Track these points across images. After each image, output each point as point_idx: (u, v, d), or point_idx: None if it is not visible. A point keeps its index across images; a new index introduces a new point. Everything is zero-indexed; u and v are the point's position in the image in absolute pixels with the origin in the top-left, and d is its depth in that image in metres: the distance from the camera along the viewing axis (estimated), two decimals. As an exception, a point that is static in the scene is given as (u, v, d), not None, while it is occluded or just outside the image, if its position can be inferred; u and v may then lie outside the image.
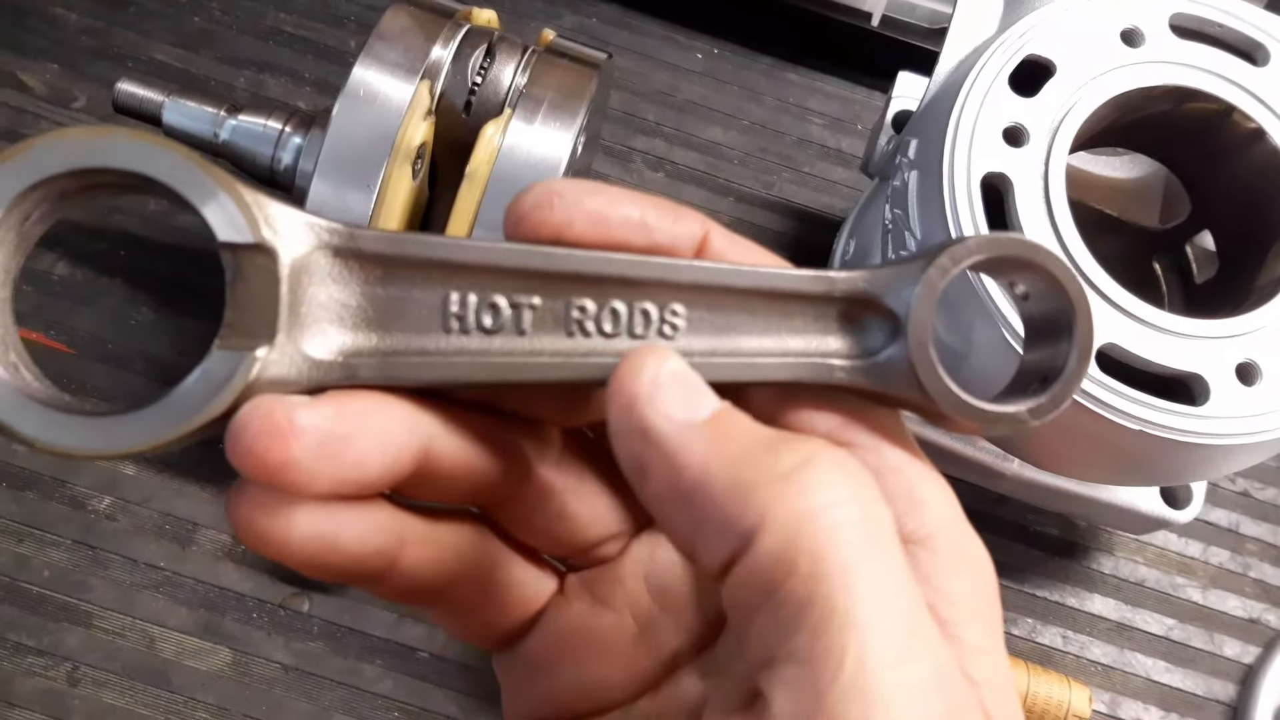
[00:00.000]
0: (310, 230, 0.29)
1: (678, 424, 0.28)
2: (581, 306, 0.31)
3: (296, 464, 0.27)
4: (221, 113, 0.70)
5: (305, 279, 0.29)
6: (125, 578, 0.72)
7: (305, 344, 0.29)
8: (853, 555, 0.26)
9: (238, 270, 0.28)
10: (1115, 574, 0.83)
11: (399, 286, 0.30)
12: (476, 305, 0.31)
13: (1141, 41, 0.66)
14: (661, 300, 0.32)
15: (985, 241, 0.31)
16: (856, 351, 0.32)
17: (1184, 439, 0.60)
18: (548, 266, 0.31)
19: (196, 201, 0.28)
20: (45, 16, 0.89)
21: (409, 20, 0.65)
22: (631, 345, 0.31)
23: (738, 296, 0.32)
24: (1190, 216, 0.76)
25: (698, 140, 0.95)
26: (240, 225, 0.28)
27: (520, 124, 0.64)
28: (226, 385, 0.28)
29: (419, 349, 0.30)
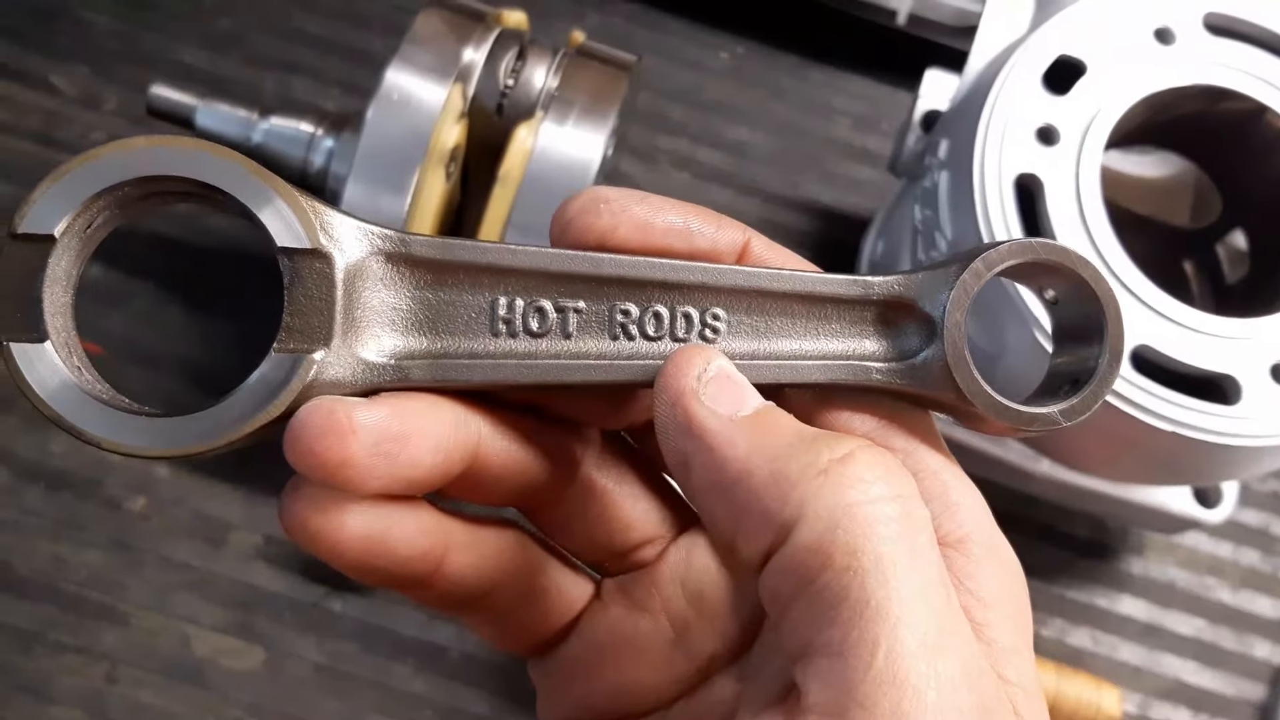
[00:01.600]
0: (364, 236, 0.30)
1: (722, 419, 0.29)
2: (625, 310, 0.32)
3: (354, 462, 0.28)
4: (254, 116, 0.71)
5: (359, 284, 0.30)
6: (160, 577, 0.73)
7: (359, 347, 0.30)
8: (888, 551, 0.26)
9: (295, 275, 0.29)
10: (1145, 574, 0.83)
11: (449, 291, 0.31)
12: (524, 309, 0.31)
13: (1174, 40, 0.66)
14: (703, 304, 0.32)
15: (1019, 246, 0.32)
16: (893, 354, 0.33)
17: (1217, 440, 0.60)
18: (593, 271, 0.32)
19: (256, 208, 0.29)
20: (74, 20, 0.89)
21: (441, 23, 0.65)
22: (674, 348, 0.32)
23: (777, 300, 0.33)
24: (1222, 216, 0.76)
25: (723, 139, 0.95)
26: (298, 231, 0.29)
27: (552, 126, 0.64)
28: (284, 387, 0.29)
29: (468, 351, 0.31)
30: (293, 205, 0.29)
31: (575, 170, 0.64)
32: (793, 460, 0.28)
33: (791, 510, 0.27)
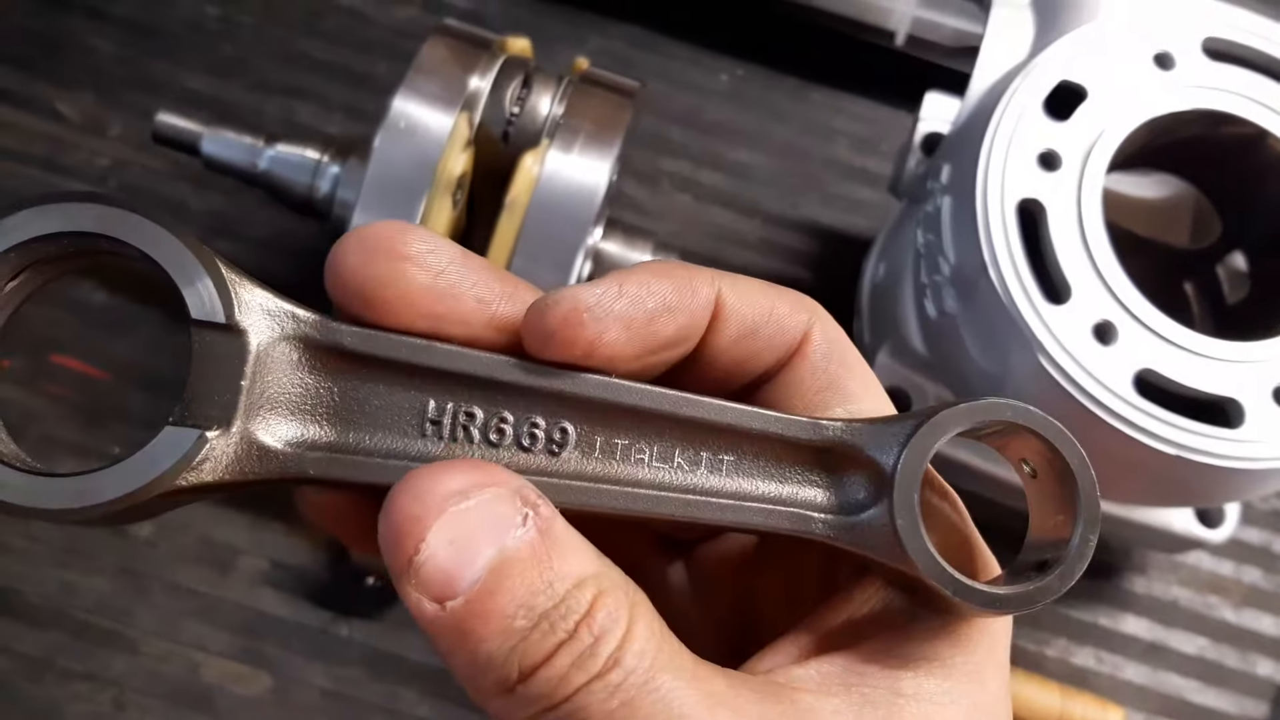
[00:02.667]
0: (287, 318, 0.29)
1: (427, 612, 0.27)
2: (563, 429, 0.30)
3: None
4: (259, 143, 0.71)
5: (273, 366, 0.29)
6: (167, 604, 0.73)
7: (261, 431, 0.28)
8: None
9: (205, 349, 0.28)
10: (1148, 593, 0.83)
11: (371, 385, 0.30)
12: (453, 414, 0.30)
13: (1174, 65, 0.67)
14: (639, 430, 0.31)
15: (979, 407, 0.30)
16: (839, 507, 0.31)
17: (1220, 462, 0.60)
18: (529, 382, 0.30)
19: (176, 276, 0.28)
20: (80, 47, 0.90)
21: (447, 52, 0.65)
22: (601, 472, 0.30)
23: (718, 435, 0.31)
24: (1222, 237, 0.77)
25: (724, 161, 0.95)
26: (215, 305, 0.28)
27: (558, 153, 0.64)
28: (166, 464, 0.27)
29: (384, 450, 0.29)
30: (214, 277, 0.28)
31: (581, 197, 0.64)
32: (489, 672, 0.26)
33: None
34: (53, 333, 0.78)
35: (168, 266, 0.28)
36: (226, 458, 0.28)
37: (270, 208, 0.76)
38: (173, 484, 0.27)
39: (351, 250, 0.29)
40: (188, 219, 0.84)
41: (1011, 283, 0.61)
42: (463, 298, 0.30)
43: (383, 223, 0.30)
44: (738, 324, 0.32)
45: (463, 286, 0.30)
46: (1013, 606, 0.29)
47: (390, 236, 0.29)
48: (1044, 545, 0.31)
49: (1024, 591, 0.29)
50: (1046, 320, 0.61)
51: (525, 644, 0.26)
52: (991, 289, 0.62)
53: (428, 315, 0.29)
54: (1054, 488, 0.31)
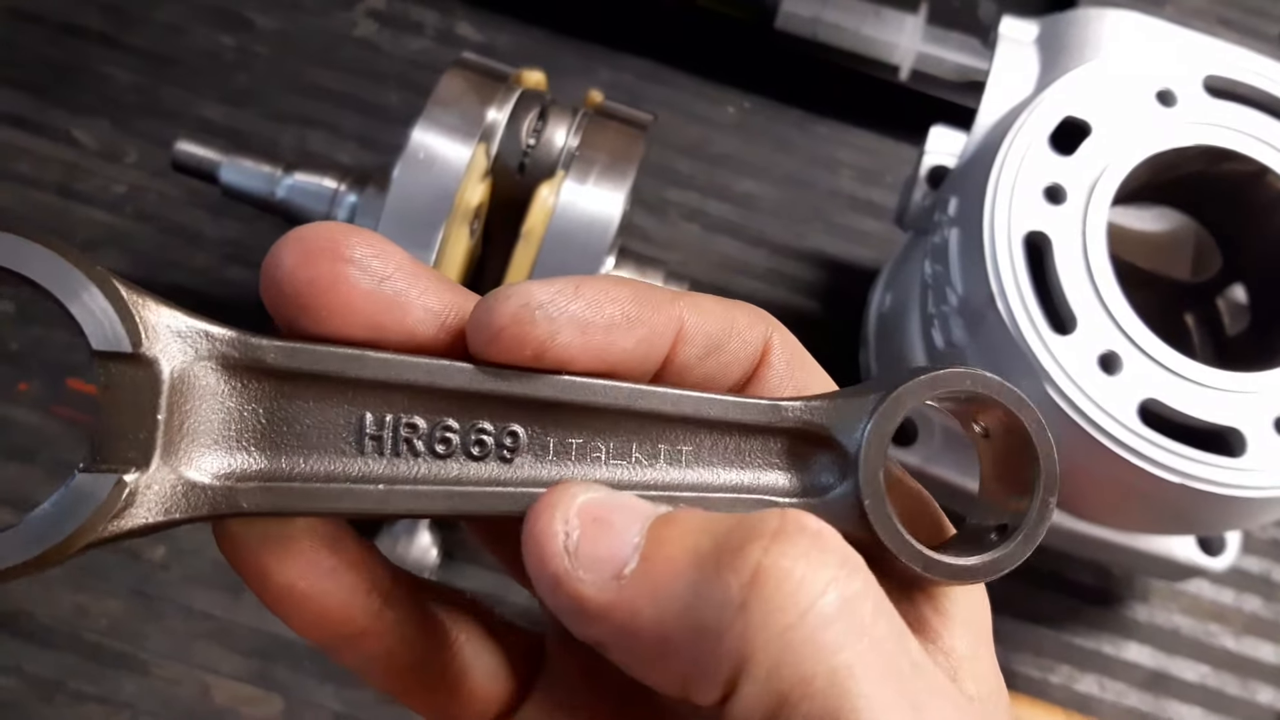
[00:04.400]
0: (201, 338, 0.27)
1: (611, 590, 0.26)
2: (513, 433, 0.29)
3: None
4: (278, 171, 0.73)
5: (191, 393, 0.26)
6: (180, 626, 0.73)
7: (185, 467, 0.26)
8: (841, 658, 0.24)
9: (111, 382, 0.25)
10: (1150, 621, 0.84)
11: (301, 403, 0.28)
12: (393, 426, 0.28)
13: (1176, 102, 0.68)
14: (592, 428, 0.30)
15: (940, 378, 0.30)
16: (804, 489, 0.31)
17: (1223, 491, 0.62)
18: (473, 387, 0.28)
19: (66, 301, 0.25)
20: (95, 74, 0.91)
21: (464, 84, 0.67)
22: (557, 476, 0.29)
23: (679, 426, 0.30)
24: (1222, 270, 0.78)
25: (730, 192, 0.97)
26: (116, 331, 0.25)
27: (574, 184, 0.66)
28: (83, 514, 0.25)
29: (323, 474, 0.28)
30: (111, 299, 0.25)
31: (597, 227, 0.65)
32: (705, 606, 0.25)
33: (728, 665, 0.25)
34: (69, 357, 0.79)
35: (58, 293, 0.25)
36: (149, 500, 0.25)
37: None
38: (93, 536, 0.25)
39: (289, 251, 0.27)
40: (204, 246, 0.85)
41: (1019, 313, 0.63)
42: (410, 307, 0.28)
43: (324, 223, 0.28)
44: (703, 341, 0.31)
45: (410, 295, 0.28)
46: (981, 576, 0.30)
47: (332, 237, 0.27)
48: (998, 508, 0.32)
49: (990, 560, 0.30)
50: (1053, 350, 0.62)
51: (728, 553, 0.25)
52: (999, 320, 0.63)
53: (370, 325, 0.28)
54: (1008, 450, 0.31)
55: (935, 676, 0.27)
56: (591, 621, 0.26)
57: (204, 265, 0.84)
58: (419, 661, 0.31)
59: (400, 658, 0.31)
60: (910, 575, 0.30)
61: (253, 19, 0.96)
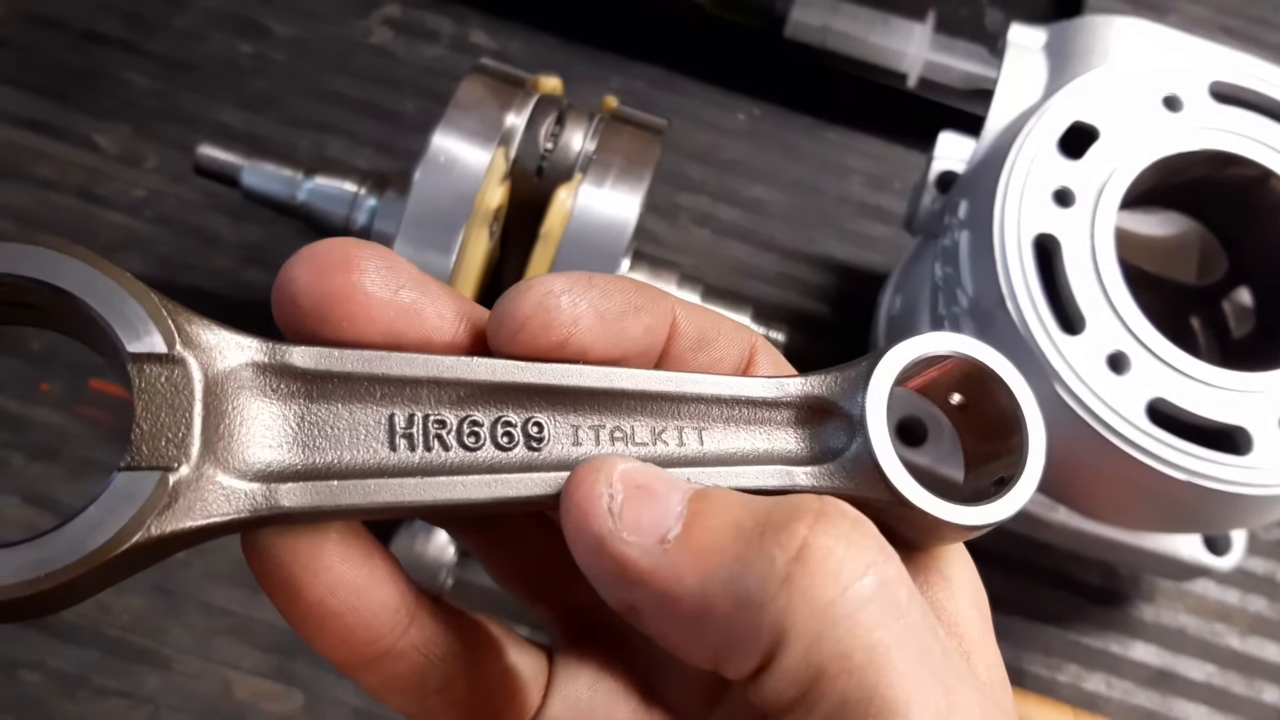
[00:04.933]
0: (230, 345, 0.27)
1: (655, 552, 0.27)
2: (538, 423, 0.30)
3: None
4: (299, 175, 0.74)
5: (225, 397, 0.27)
6: (201, 622, 0.74)
7: (222, 469, 0.26)
8: (878, 636, 0.25)
9: (149, 383, 0.26)
10: (1157, 621, 0.85)
11: (332, 404, 0.28)
12: (423, 423, 0.29)
13: (1182, 107, 0.69)
14: (613, 411, 0.31)
15: (924, 339, 0.32)
16: (819, 455, 0.32)
17: (1230, 489, 0.63)
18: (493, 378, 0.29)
19: (100, 308, 0.26)
20: (116, 80, 0.93)
21: (484, 90, 0.68)
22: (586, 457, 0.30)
23: (694, 404, 0.31)
24: (1228, 273, 0.79)
25: (741, 197, 0.98)
26: (151, 333, 0.26)
27: (591, 187, 0.67)
28: (129, 513, 0.24)
29: (358, 470, 0.28)
30: (146, 306, 0.26)
31: (613, 229, 0.66)
32: (749, 575, 0.26)
33: (768, 635, 0.25)
34: (92, 358, 0.80)
35: (92, 300, 0.26)
36: (193, 500, 0.25)
37: (305, 238, 0.77)
38: (141, 534, 0.24)
39: (304, 267, 0.28)
40: (224, 249, 0.86)
41: (1028, 314, 0.64)
42: (424, 313, 0.29)
43: (335, 239, 0.29)
44: (694, 334, 0.32)
45: (423, 302, 0.29)
46: (993, 519, 0.31)
47: (345, 252, 0.28)
48: (989, 468, 0.33)
49: (997, 504, 0.31)
50: (1062, 350, 0.63)
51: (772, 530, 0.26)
52: (1009, 320, 0.64)
53: (387, 332, 0.29)
54: (988, 412, 0.32)
55: (961, 662, 0.28)
56: (633, 585, 0.27)
57: (223, 268, 0.86)
58: (441, 683, 0.32)
59: (422, 679, 0.31)
60: (918, 532, 0.31)
61: (270, 26, 0.97)
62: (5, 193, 0.86)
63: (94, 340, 0.27)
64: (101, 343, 0.27)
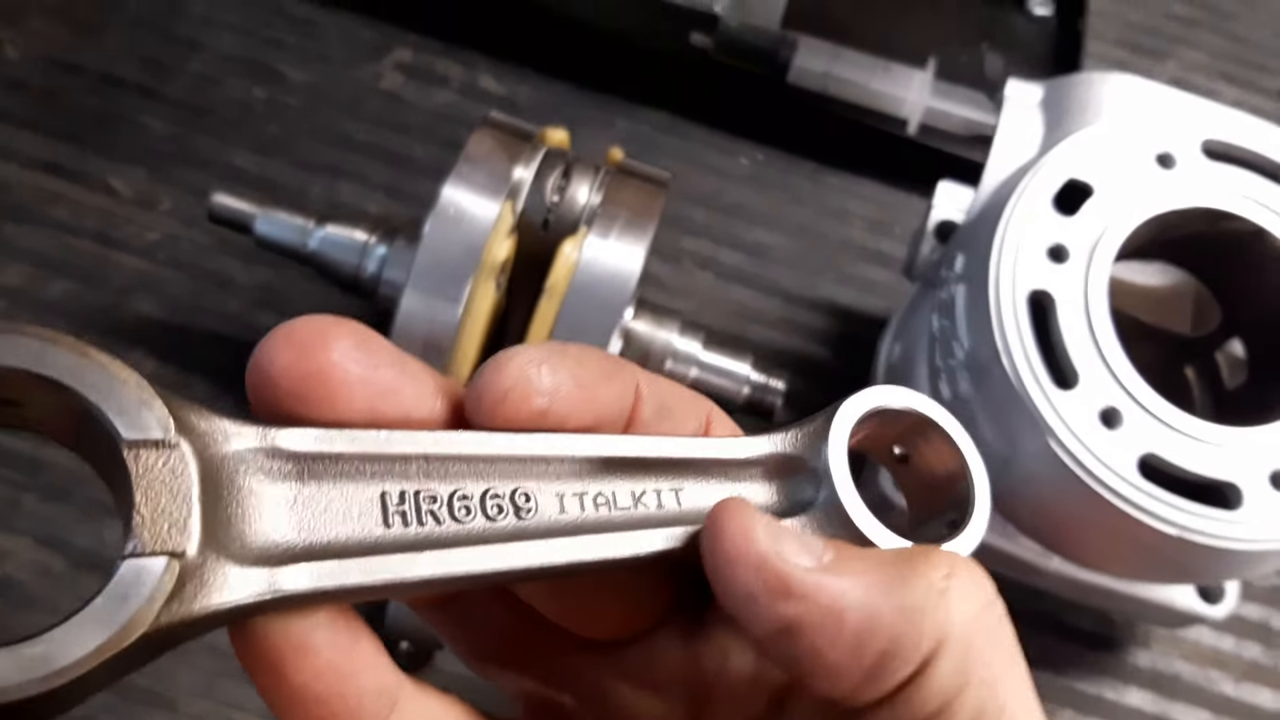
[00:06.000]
0: (224, 430, 0.27)
1: (818, 572, 0.28)
2: (525, 493, 0.30)
3: None
4: (310, 224, 0.76)
5: (219, 481, 0.27)
6: (207, 664, 0.76)
7: (224, 553, 0.26)
8: (1002, 654, 0.29)
9: (146, 469, 0.25)
10: (1151, 667, 0.86)
11: (325, 484, 0.28)
12: (414, 498, 0.29)
13: (1175, 164, 0.71)
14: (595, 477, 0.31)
15: (874, 393, 0.34)
16: (789, 508, 0.33)
17: (1220, 543, 0.64)
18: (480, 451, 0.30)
19: (93, 397, 0.25)
20: (133, 124, 0.94)
21: (493, 143, 0.70)
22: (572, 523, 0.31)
23: (669, 466, 0.33)
24: (1221, 325, 0.80)
25: (743, 241, 1.00)
26: (147, 421, 0.26)
27: (596, 240, 0.68)
28: (138, 600, 0.24)
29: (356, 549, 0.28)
30: (140, 393, 0.26)
31: (618, 281, 0.68)
32: (912, 589, 0.28)
33: (930, 641, 0.28)
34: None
35: (85, 391, 0.25)
36: (199, 586, 0.25)
37: (316, 283, 0.79)
38: (155, 624, 0.24)
39: (281, 348, 0.28)
40: (237, 292, 0.88)
41: (1022, 369, 0.65)
42: (402, 391, 0.29)
43: (309, 317, 0.29)
44: (656, 402, 0.33)
45: (401, 380, 0.29)
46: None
47: (322, 329, 0.28)
48: (937, 517, 0.35)
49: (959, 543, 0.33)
50: (1055, 405, 0.64)
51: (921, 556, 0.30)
52: (1004, 375, 0.65)
53: (367, 410, 0.29)
54: (935, 469, 0.35)
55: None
56: (798, 599, 0.28)
57: (236, 311, 0.87)
58: None
59: None
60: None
61: (284, 71, 0.99)
62: (24, 236, 0.88)
63: (75, 434, 0.27)
64: (90, 436, 0.26)
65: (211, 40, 1.00)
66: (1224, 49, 1.21)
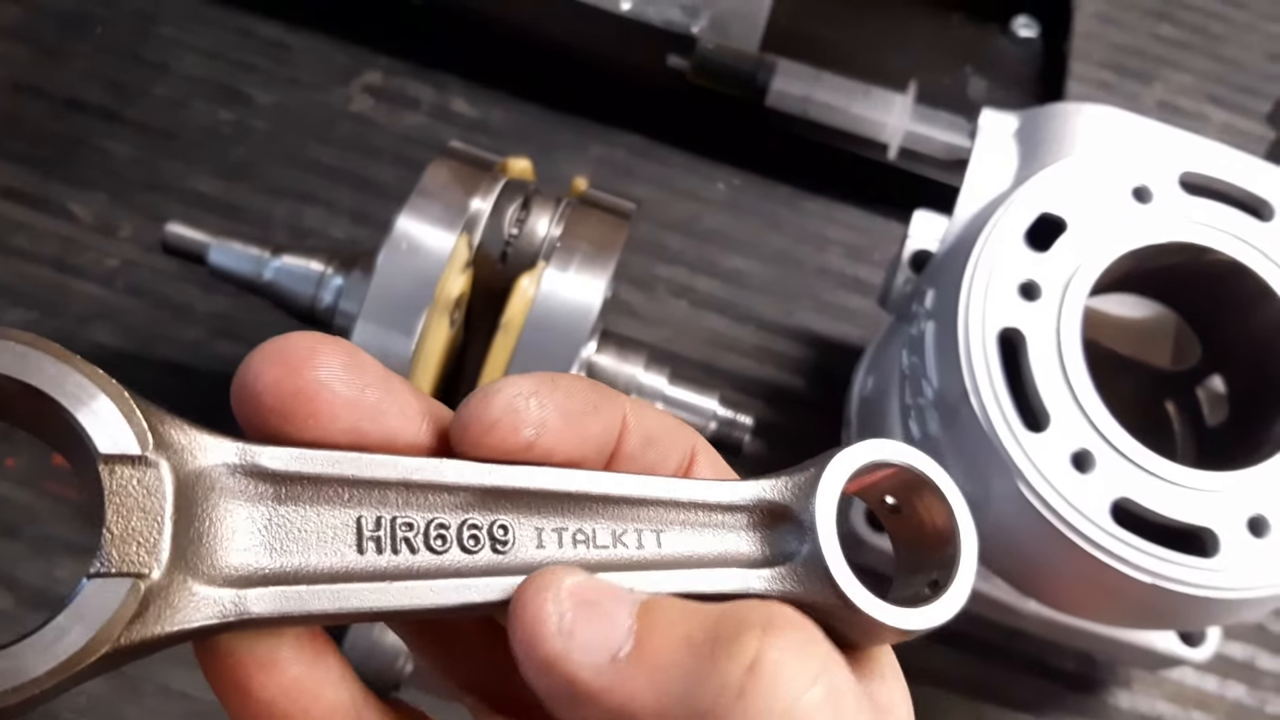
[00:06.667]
0: (200, 446, 0.27)
1: (607, 670, 0.27)
2: (504, 525, 0.30)
3: None
4: (265, 254, 0.74)
5: (197, 499, 0.26)
6: (159, 706, 0.74)
7: (192, 573, 0.26)
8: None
9: (119, 486, 0.25)
10: (1133, 709, 0.84)
11: (304, 506, 0.28)
12: (391, 525, 0.29)
13: (1152, 198, 0.69)
14: (575, 514, 0.31)
15: (866, 447, 0.32)
16: (771, 558, 0.32)
17: (1195, 591, 0.62)
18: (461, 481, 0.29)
19: (72, 407, 0.25)
20: (95, 148, 0.93)
21: (449, 175, 0.68)
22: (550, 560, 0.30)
23: (655, 507, 0.32)
24: (1202, 360, 0.79)
25: (719, 268, 0.98)
26: (124, 435, 0.25)
27: (555, 273, 0.66)
28: (99, 621, 0.24)
29: (327, 574, 0.28)
30: (120, 405, 0.25)
31: (576, 316, 0.66)
32: (704, 690, 0.26)
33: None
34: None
35: (64, 400, 0.25)
36: (163, 607, 0.25)
37: (275, 312, 0.78)
38: (110, 643, 0.24)
39: (268, 364, 0.28)
40: (195, 320, 0.86)
41: (992, 411, 0.63)
42: (388, 413, 0.29)
43: (298, 334, 0.28)
44: (643, 433, 0.32)
45: (387, 402, 0.29)
46: (936, 619, 0.31)
47: (311, 348, 0.28)
48: (921, 573, 0.33)
49: (934, 608, 0.31)
50: (1026, 448, 0.62)
51: (722, 645, 0.27)
52: (973, 416, 0.63)
53: (351, 431, 0.28)
54: (924, 519, 0.33)
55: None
56: (585, 703, 0.27)
57: (193, 339, 0.85)
58: None
59: None
60: (860, 632, 0.32)
61: (252, 94, 0.98)
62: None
63: (61, 439, 0.26)
64: (69, 442, 0.26)
65: (179, 63, 0.98)
66: (1212, 71, 1.19)
